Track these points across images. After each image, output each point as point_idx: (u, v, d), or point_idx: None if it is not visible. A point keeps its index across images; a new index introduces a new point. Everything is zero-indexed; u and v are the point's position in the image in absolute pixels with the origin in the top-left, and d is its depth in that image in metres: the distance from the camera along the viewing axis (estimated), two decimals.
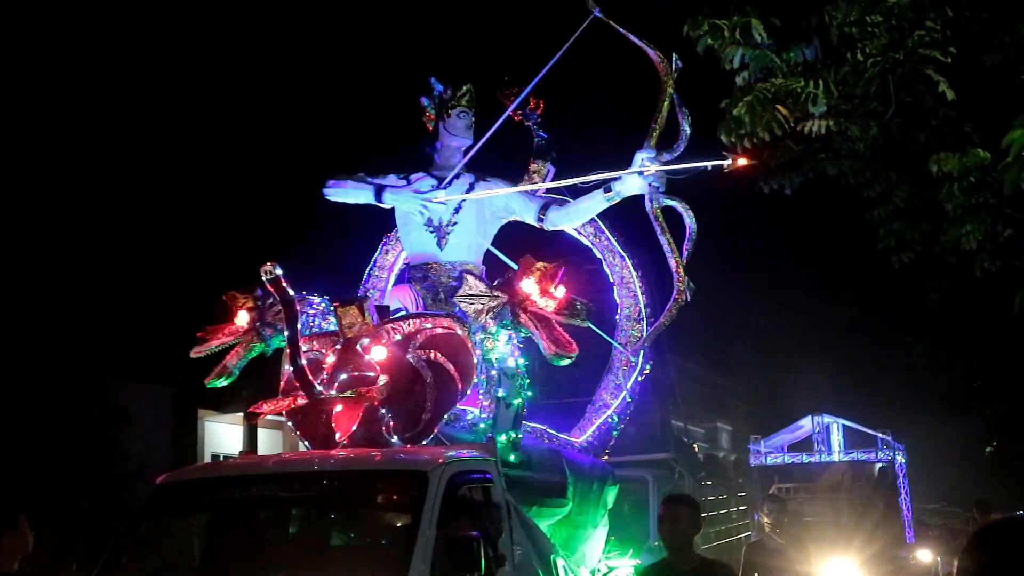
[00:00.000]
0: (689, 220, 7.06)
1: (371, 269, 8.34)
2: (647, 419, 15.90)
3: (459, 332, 6.00)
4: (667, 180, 6.97)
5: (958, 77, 6.62)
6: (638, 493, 10.94)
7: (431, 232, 7.31)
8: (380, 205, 7.50)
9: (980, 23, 6.74)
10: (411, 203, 7.36)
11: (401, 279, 7.77)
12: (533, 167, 7.76)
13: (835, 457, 21.27)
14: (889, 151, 7.11)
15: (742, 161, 6.78)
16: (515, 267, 6.91)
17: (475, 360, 6.07)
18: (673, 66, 7.02)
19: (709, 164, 6.89)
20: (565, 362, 6.38)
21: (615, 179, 7.05)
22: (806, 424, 22.08)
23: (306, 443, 5.90)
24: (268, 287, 5.32)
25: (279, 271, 5.13)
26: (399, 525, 5.01)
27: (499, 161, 7.58)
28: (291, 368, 5.50)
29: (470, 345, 6.02)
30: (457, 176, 7.38)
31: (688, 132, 6.96)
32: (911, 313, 12.66)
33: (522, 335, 6.52)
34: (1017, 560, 2.03)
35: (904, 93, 6.64)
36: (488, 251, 7.74)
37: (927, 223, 7.17)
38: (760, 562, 7.13)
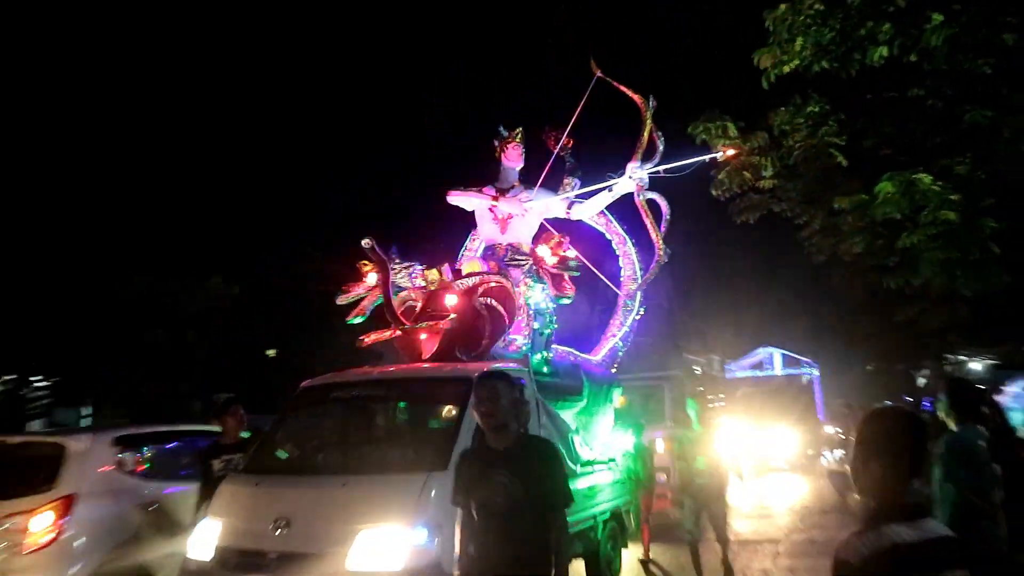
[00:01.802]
0: (665, 207, 7.76)
1: (462, 252, 8.69)
2: (663, 351, 18.26)
3: (506, 284, 6.70)
4: (649, 180, 7.70)
5: (849, 152, 8.06)
6: (658, 393, 12.49)
7: (496, 224, 7.80)
8: (491, 203, 7.81)
9: (861, 118, 8.10)
10: (515, 207, 7.75)
11: (483, 256, 7.83)
12: (566, 181, 8.14)
13: (776, 373, 23.93)
14: (809, 196, 8.42)
15: (731, 151, 7.87)
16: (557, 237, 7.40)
17: (518, 303, 6.76)
18: (650, 104, 7.67)
19: (707, 157, 7.77)
20: (565, 301, 7.17)
21: (614, 184, 7.80)
22: (760, 353, 24.80)
23: (407, 360, 6.50)
24: (370, 254, 6.23)
25: (372, 242, 6.13)
26: (454, 414, 5.31)
27: (545, 176, 7.99)
28: (386, 308, 6.27)
29: (513, 293, 6.71)
30: (512, 186, 7.91)
31: (662, 148, 7.65)
32: (824, 289, 14.00)
33: (560, 303, 7.27)
34: (866, 435, 2.16)
35: (816, 162, 8.04)
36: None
37: (833, 237, 8.41)
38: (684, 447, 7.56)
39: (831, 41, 7.45)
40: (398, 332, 6.44)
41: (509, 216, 7.78)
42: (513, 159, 8.03)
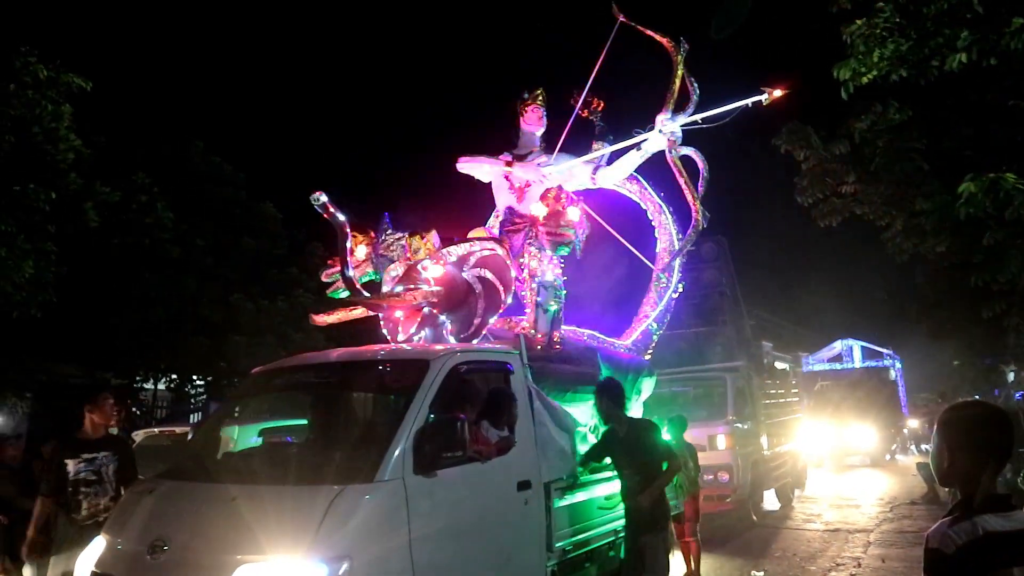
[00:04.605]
0: (703, 165, 6.66)
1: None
2: (728, 341, 17.29)
3: (499, 252, 5.54)
4: (684, 134, 6.57)
5: (929, 154, 8.15)
6: (721, 387, 11.22)
7: (513, 194, 6.85)
8: (502, 170, 6.93)
9: (941, 122, 8.21)
10: (530, 172, 6.84)
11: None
12: (595, 145, 7.13)
13: (856, 365, 22.88)
14: (891, 199, 8.50)
15: (777, 92, 6.30)
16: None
17: (513, 275, 5.60)
18: (681, 47, 6.59)
19: (749, 101, 6.30)
20: (564, 251, 6.13)
21: (643, 140, 6.68)
22: (837, 345, 23.79)
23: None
24: (323, 212, 4.78)
25: (324, 198, 4.71)
26: (399, 406, 4.06)
27: (570, 142, 7.00)
28: (343, 279, 4.98)
29: (508, 263, 5.56)
30: (531, 152, 6.95)
31: (697, 95, 6.54)
32: (908, 284, 13.67)
33: (560, 254, 6.17)
34: (952, 426, 2.09)
35: (897, 166, 8.17)
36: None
37: (915, 238, 8.47)
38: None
39: (908, 50, 7.49)
40: (357, 310, 5.52)
41: (527, 184, 6.82)
42: (533, 122, 7.04)
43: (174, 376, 17.99)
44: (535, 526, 4.50)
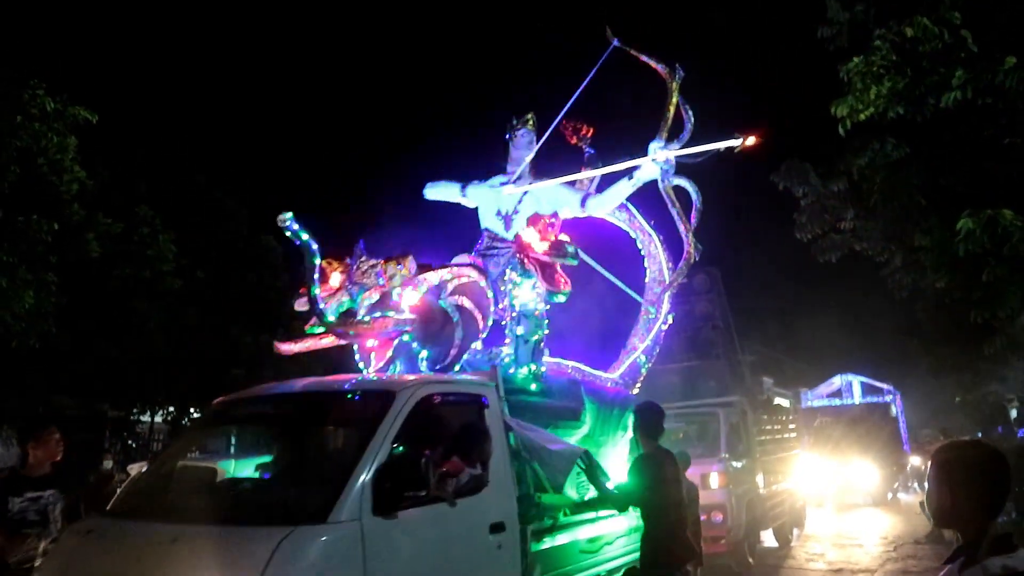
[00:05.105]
0: (695, 195, 6.43)
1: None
2: (721, 375, 16.74)
3: (480, 282, 5.40)
4: (678, 163, 6.34)
5: (926, 190, 8.16)
6: (714, 422, 10.88)
7: (500, 218, 6.62)
8: (461, 199, 6.89)
9: (938, 159, 8.18)
10: (487, 195, 6.73)
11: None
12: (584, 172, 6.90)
13: (856, 401, 22.51)
14: (889, 235, 8.54)
15: (751, 140, 5.98)
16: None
17: (502, 304, 5.49)
18: (676, 74, 6.38)
19: (722, 145, 6.05)
20: (560, 299, 5.82)
21: (635, 168, 6.42)
22: (836, 380, 23.40)
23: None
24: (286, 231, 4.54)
25: (290, 218, 4.51)
26: (364, 438, 3.69)
27: (559, 169, 6.79)
28: (306, 297, 4.77)
29: (488, 292, 5.41)
30: (520, 177, 6.72)
31: (692, 123, 6.32)
32: (908, 319, 13.61)
33: (555, 301, 5.92)
34: (952, 467, 2.08)
35: (895, 203, 8.20)
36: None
37: (915, 273, 8.50)
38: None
39: (905, 88, 7.59)
40: (327, 339, 5.17)
41: (515, 210, 6.62)
42: (522, 147, 6.84)
43: (171, 408, 17.87)
44: (509, 573, 4.18)
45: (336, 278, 5.31)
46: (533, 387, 5.60)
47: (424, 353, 5.09)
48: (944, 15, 7.00)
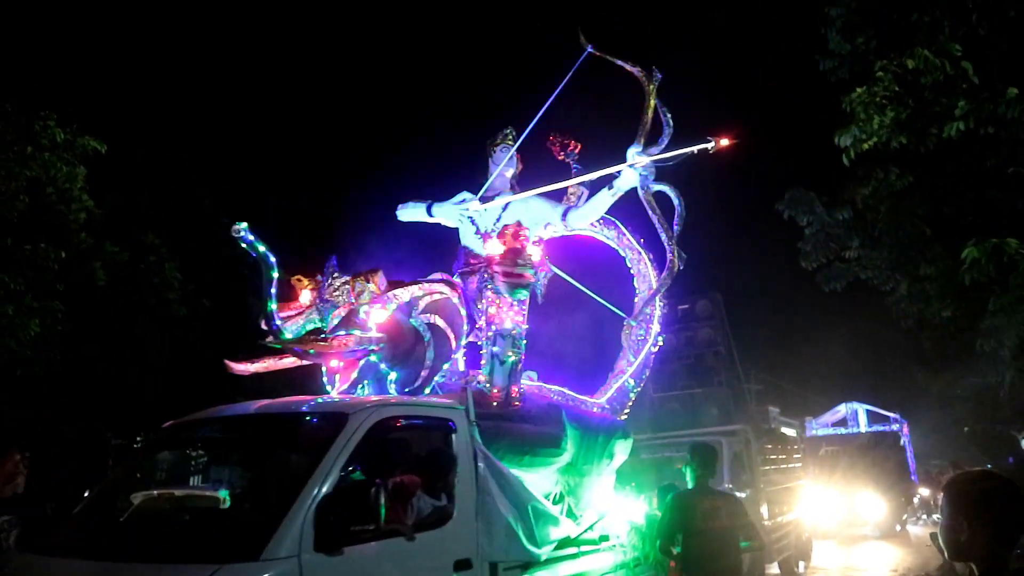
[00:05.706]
0: (677, 201, 6.26)
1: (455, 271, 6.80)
2: (724, 402, 16.98)
3: (453, 299, 5.17)
4: (660, 169, 6.12)
5: (930, 219, 8.26)
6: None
7: (479, 237, 6.31)
8: (429, 219, 6.65)
9: (942, 188, 8.21)
10: (451, 213, 6.47)
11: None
12: (571, 189, 6.68)
13: (861, 429, 22.04)
14: (895, 264, 8.50)
15: (724, 141, 5.84)
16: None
17: (465, 321, 5.22)
18: (654, 76, 6.17)
19: (695, 148, 5.91)
20: (522, 294, 5.42)
21: (615, 176, 6.16)
22: (841, 409, 22.95)
23: None
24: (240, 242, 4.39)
25: (243, 228, 4.34)
26: (310, 464, 3.39)
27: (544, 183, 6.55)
28: (264, 320, 4.57)
29: (461, 308, 5.18)
30: (498, 193, 6.43)
31: (671, 128, 6.06)
32: (915, 348, 13.50)
33: (517, 297, 5.46)
34: (967, 498, 2.05)
35: (899, 231, 8.23)
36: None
37: (920, 302, 8.44)
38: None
39: (907, 118, 7.65)
40: (287, 359, 5.01)
41: (494, 229, 6.29)
42: (499, 162, 6.60)
43: None
44: None
45: (306, 295, 5.13)
46: (510, 410, 5.20)
47: (393, 375, 4.82)
48: (945, 46, 7.04)
